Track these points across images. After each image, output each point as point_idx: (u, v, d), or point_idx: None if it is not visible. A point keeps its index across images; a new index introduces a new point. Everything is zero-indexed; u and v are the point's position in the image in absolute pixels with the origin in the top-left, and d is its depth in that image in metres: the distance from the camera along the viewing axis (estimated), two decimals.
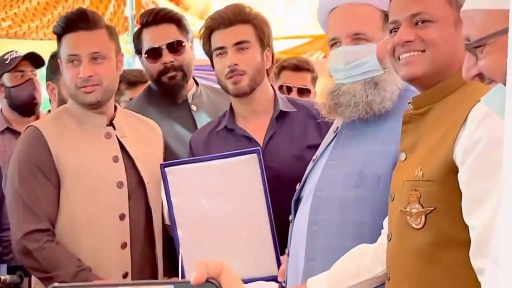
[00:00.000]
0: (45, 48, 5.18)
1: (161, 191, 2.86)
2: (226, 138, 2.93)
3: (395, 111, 2.31)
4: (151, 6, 5.83)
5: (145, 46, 3.27)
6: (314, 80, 4.29)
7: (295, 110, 2.95)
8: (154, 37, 3.26)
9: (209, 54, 2.97)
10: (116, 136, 2.89)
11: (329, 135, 2.58)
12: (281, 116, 2.93)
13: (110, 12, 5.59)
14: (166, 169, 2.75)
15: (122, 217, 2.82)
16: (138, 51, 3.36)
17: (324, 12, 2.51)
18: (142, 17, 3.39)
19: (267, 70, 2.98)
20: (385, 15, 2.36)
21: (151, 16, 3.28)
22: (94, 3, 5.49)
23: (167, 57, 3.23)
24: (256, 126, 2.93)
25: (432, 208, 1.91)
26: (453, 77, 2.00)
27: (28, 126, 2.91)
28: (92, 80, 2.79)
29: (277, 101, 2.97)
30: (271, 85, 3.04)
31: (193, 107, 3.31)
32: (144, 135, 3.00)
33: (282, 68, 4.31)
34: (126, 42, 5.94)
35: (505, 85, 1.41)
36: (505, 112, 1.03)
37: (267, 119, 2.94)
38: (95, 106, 2.85)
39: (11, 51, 4.07)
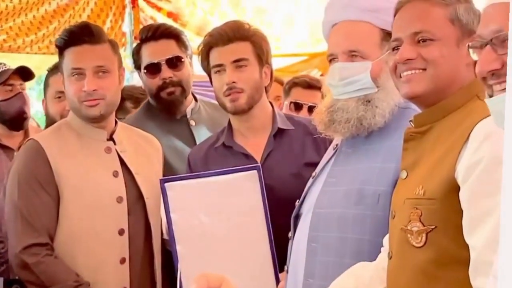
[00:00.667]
0: (39, 62, 5.20)
1: (161, 206, 2.85)
2: (224, 155, 2.92)
3: (396, 130, 2.31)
4: (150, 21, 5.85)
5: (144, 62, 3.28)
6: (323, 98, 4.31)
7: (293, 127, 2.94)
8: (153, 52, 3.27)
9: (207, 70, 2.97)
10: (116, 151, 2.88)
11: (329, 152, 2.58)
12: (279, 134, 2.92)
13: (107, 28, 5.58)
14: (166, 184, 2.74)
15: (121, 232, 2.81)
16: (137, 67, 3.36)
17: (327, 27, 2.54)
18: (141, 32, 3.40)
19: (265, 87, 2.97)
20: (385, 33, 2.40)
21: (151, 32, 3.29)
22: (92, 18, 5.47)
23: (166, 72, 3.24)
24: (254, 143, 2.93)
25: (433, 227, 1.91)
26: (455, 96, 2.01)
27: (28, 139, 2.89)
28: (96, 94, 2.78)
29: (275, 118, 2.96)
30: (270, 102, 3.03)
31: (192, 122, 3.32)
32: (144, 150, 2.99)
33: (294, 84, 4.33)
34: (124, 58, 5.95)
35: None
36: (505, 115, 1.03)
37: (265, 136, 2.93)
38: (97, 120, 2.84)
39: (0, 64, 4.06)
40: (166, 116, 3.31)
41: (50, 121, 3.40)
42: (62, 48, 2.85)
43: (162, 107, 3.30)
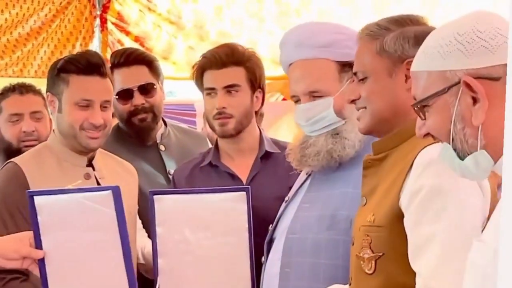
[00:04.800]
0: None
1: (137, 220, 2.85)
2: (210, 174, 2.92)
3: None
4: (117, 45, 5.89)
5: (116, 87, 3.20)
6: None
7: (279, 151, 2.91)
8: (125, 78, 3.23)
9: (200, 90, 2.97)
10: (95, 176, 2.81)
11: (302, 177, 2.59)
12: (265, 157, 2.93)
13: (77, 51, 5.61)
14: (155, 196, 2.68)
15: None
16: None
17: (285, 65, 2.58)
18: (113, 57, 3.34)
19: (256, 111, 2.97)
20: (342, 65, 2.45)
21: (123, 57, 3.25)
22: (62, 41, 5.54)
23: (138, 99, 3.22)
24: (241, 165, 2.93)
25: (381, 254, 1.95)
26: (408, 124, 1.99)
27: (9, 162, 2.79)
28: (101, 127, 2.74)
29: (262, 141, 2.96)
30: (258, 126, 3.03)
31: (162, 147, 3.31)
32: (122, 177, 2.90)
33: None
34: None
35: (449, 143, 1.53)
36: (505, 115, 1.09)
37: (251, 158, 2.93)
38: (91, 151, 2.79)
39: None
40: (137, 141, 3.29)
41: (5, 146, 3.35)
42: (65, 72, 2.76)
43: (133, 132, 3.28)
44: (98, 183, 2.81)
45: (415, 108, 1.61)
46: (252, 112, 2.95)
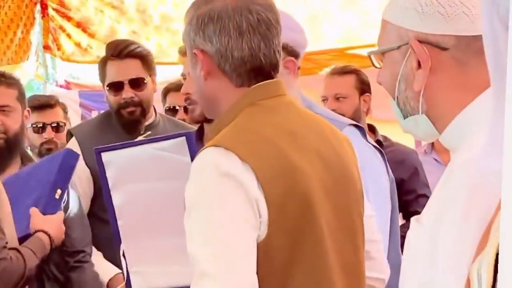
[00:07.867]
0: None
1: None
2: None
3: None
4: (59, 31, 5.87)
5: (108, 79, 3.25)
6: None
7: None
8: (117, 71, 3.25)
9: None
10: None
11: None
12: None
13: (19, 38, 5.41)
14: (102, 154, 2.48)
15: None
16: (102, 80, 3.36)
17: None
18: (108, 48, 3.35)
19: None
20: None
21: (117, 51, 3.26)
22: (3, 29, 5.35)
23: (128, 92, 3.25)
24: None
25: None
26: (226, 113, 1.92)
27: None
28: None
29: None
30: None
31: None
32: None
33: (168, 90, 4.40)
34: (37, 67, 5.98)
35: (394, 99, 1.49)
36: (505, 115, 1.03)
37: None
38: None
39: None
40: (123, 131, 3.29)
41: None
42: None
43: (121, 124, 3.30)
44: None
45: (370, 56, 1.54)
46: None
